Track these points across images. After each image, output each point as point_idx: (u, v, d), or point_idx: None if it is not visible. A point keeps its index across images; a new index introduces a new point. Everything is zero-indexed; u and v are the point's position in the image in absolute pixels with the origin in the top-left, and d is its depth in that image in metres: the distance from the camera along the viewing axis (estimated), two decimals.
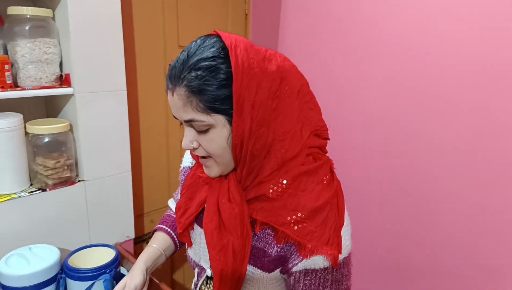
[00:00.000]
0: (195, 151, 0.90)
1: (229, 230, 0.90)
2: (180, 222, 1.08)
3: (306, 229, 0.87)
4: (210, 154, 0.88)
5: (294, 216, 0.87)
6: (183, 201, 1.08)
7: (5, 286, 1.21)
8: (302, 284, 0.91)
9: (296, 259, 0.89)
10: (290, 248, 0.90)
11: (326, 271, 0.89)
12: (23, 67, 1.40)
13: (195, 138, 0.87)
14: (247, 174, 0.88)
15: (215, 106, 0.81)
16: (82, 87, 1.50)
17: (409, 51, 1.85)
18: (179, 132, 2.24)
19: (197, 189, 1.05)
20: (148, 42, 1.99)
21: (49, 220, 1.48)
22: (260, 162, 0.87)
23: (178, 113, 0.85)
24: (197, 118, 0.82)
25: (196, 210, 1.04)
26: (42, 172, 1.45)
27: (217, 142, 0.85)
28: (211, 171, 0.92)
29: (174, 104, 0.85)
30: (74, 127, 1.54)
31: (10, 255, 1.28)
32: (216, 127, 0.83)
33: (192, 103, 0.81)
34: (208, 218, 0.93)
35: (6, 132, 1.35)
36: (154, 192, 2.15)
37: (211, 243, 0.92)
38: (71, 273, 1.27)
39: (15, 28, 1.37)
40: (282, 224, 0.88)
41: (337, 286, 0.91)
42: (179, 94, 0.82)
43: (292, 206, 0.88)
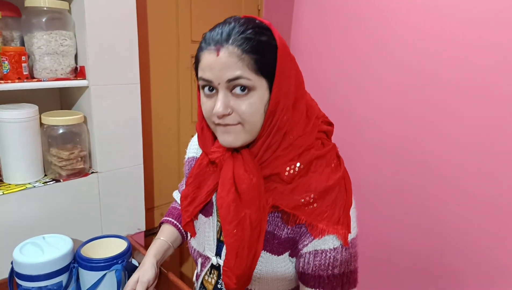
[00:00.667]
0: (225, 119, 0.88)
1: (247, 202, 0.89)
2: (187, 211, 1.07)
3: (317, 210, 0.90)
4: (243, 120, 0.87)
5: (307, 197, 0.90)
6: (190, 189, 1.07)
7: (19, 273, 1.23)
8: (312, 265, 0.91)
9: (306, 240, 0.91)
10: (300, 229, 0.92)
11: (335, 251, 0.90)
12: (39, 59, 1.42)
13: (230, 103, 0.86)
14: (266, 148, 0.90)
15: (263, 68, 0.85)
16: (97, 80, 1.52)
17: (423, 47, 1.84)
18: (191, 127, 2.25)
19: (204, 178, 1.05)
20: (161, 36, 2.00)
21: (63, 210, 1.50)
22: (280, 138, 0.90)
23: (222, 72, 0.84)
24: (245, 75, 0.84)
25: (205, 199, 1.04)
26: (56, 163, 1.47)
27: (256, 106, 0.86)
28: (235, 138, 0.89)
29: (219, 63, 0.84)
30: (88, 119, 1.56)
31: (25, 244, 1.30)
32: (258, 90, 0.86)
33: (244, 60, 0.83)
34: (224, 192, 0.92)
35: (22, 123, 1.37)
36: (165, 185, 2.17)
37: (227, 218, 0.91)
38: (83, 263, 1.29)
39: (32, 20, 1.39)
40: (294, 207, 0.90)
41: (346, 266, 0.92)
42: (230, 52, 0.83)
43: (304, 188, 0.90)
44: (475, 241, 1.77)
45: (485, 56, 1.64)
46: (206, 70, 0.86)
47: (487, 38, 1.62)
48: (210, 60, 0.85)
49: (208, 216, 1.07)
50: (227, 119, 0.88)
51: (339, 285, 0.92)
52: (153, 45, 1.97)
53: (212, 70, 0.85)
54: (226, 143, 0.91)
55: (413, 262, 2.02)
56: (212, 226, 1.06)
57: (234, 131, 0.89)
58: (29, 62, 1.44)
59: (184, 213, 1.09)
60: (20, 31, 1.45)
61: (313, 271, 0.92)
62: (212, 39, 0.86)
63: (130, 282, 1.09)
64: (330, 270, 0.91)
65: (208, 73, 0.86)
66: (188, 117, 2.23)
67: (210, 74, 0.86)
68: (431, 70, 1.81)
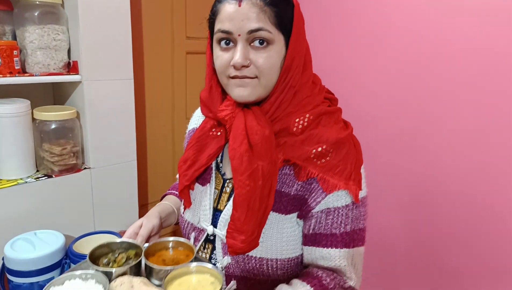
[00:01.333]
0: (242, 71, 0.88)
1: (259, 154, 0.89)
2: (186, 175, 1.04)
3: (330, 164, 0.89)
4: (260, 73, 0.88)
5: (319, 148, 0.90)
6: (191, 153, 1.04)
7: (11, 269, 1.22)
8: (324, 224, 0.91)
9: (319, 197, 0.90)
10: (311, 185, 0.91)
11: (347, 208, 0.91)
12: (31, 53, 1.41)
13: (249, 55, 0.87)
14: (278, 104, 0.91)
15: (282, 22, 0.87)
16: (90, 75, 1.51)
17: (420, 43, 1.84)
18: (185, 122, 2.24)
19: (207, 141, 1.03)
20: (156, 32, 1.99)
21: (55, 206, 1.49)
22: (291, 96, 0.92)
23: (243, 22, 0.84)
24: (266, 27, 0.84)
25: (206, 163, 1.02)
26: (48, 159, 1.46)
27: (273, 60, 0.87)
28: (250, 91, 0.89)
29: (240, 14, 0.84)
30: (81, 114, 1.55)
31: (16, 240, 1.29)
32: (276, 44, 0.87)
33: (266, 12, 0.84)
34: (236, 143, 0.90)
35: (13, 118, 1.36)
36: (158, 182, 2.16)
37: (239, 169, 0.89)
38: (75, 259, 1.28)
39: (25, 14, 1.38)
40: (305, 160, 0.90)
41: (356, 223, 0.92)
42: (253, 2, 0.84)
43: (315, 139, 0.91)
44: (477, 241, 1.76)
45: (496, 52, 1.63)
46: (225, 21, 0.86)
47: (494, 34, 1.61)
48: (230, 10, 0.85)
49: (205, 184, 1.05)
50: (244, 71, 0.88)
51: (351, 241, 0.92)
52: (148, 40, 1.96)
53: (233, 21, 0.85)
54: (241, 97, 0.90)
55: (413, 262, 2.01)
56: (209, 194, 1.03)
57: (250, 85, 0.89)
58: (21, 56, 1.43)
59: (182, 177, 1.06)
60: (12, 25, 1.44)
61: (326, 229, 0.91)
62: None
63: (134, 225, 1.05)
64: (343, 227, 0.91)
65: (228, 24, 0.86)
66: (182, 113, 2.22)
67: (230, 25, 0.86)
68: (428, 66, 1.81)
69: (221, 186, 1.03)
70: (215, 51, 0.92)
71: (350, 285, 0.93)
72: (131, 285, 0.84)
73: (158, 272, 0.89)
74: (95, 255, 0.93)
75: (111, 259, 0.93)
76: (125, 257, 0.93)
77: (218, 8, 0.89)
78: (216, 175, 1.04)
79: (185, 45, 2.13)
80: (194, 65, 2.21)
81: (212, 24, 0.92)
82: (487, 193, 1.69)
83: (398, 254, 2.05)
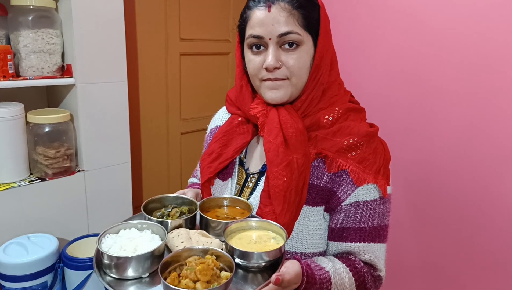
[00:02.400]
0: (274, 73, 0.91)
1: (294, 147, 0.91)
2: (210, 167, 1.06)
3: (360, 156, 0.92)
4: (291, 74, 0.91)
5: (351, 140, 0.92)
6: (217, 146, 1.06)
7: (3, 274, 1.22)
8: (353, 218, 0.92)
9: (349, 189, 0.91)
10: (340, 178, 0.92)
11: (375, 203, 0.92)
12: (25, 57, 1.41)
13: (281, 57, 0.91)
14: (309, 102, 0.95)
15: (310, 24, 0.91)
16: (84, 78, 1.51)
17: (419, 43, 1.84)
18: (180, 124, 2.25)
19: (234, 136, 1.05)
20: (150, 34, 1.99)
21: (48, 209, 1.49)
22: (320, 94, 0.95)
23: (273, 27, 0.89)
24: (295, 30, 0.89)
25: (232, 156, 1.04)
26: (42, 162, 1.46)
27: (303, 60, 0.91)
28: (282, 93, 0.93)
29: (270, 19, 0.89)
30: (74, 117, 1.55)
31: (9, 244, 1.30)
32: (306, 45, 0.91)
33: (294, 16, 0.89)
34: (271, 136, 0.93)
35: (7, 121, 1.36)
36: (153, 184, 2.17)
37: (275, 160, 0.91)
38: (69, 262, 1.29)
39: (19, 18, 1.38)
40: (337, 151, 0.92)
41: (382, 219, 0.94)
42: (282, 7, 0.88)
43: (347, 131, 0.94)
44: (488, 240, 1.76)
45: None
46: (256, 27, 0.91)
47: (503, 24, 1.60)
48: (261, 16, 0.90)
49: (226, 179, 1.06)
50: (276, 73, 0.92)
51: (376, 236, 0.94)
52: (142, 43, 1.96)
53: (263, 26, 0.89)
54: (274, 100, 0.94)
55: (422, 263, 2.02)
56: (230, 188, 1.05)
57: (282, 87, 0.93)
58: (15, 60, 1.43)
59: (206, 169, 1.07)
60: (7, 29, 1.44)
61: (355, 223, 0.92)
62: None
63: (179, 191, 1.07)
64: (371, 221, 0.93)
65: (259, 29, 0.90)
66: (176, 114, 2.22)
67: (261, 30, 0.90)
68: (426, 67, 1.80)
69: (243, 181, 1.05)
70: (246, 55, 0.97)
71: (379, 274, 0.96)
72: (188, 236, 0.85)
73: (215, 227, 0.89)
74: (147, 210, 0.93)
75: (165, 213, 0.93)
76: (179, 212, 0.93)
77: (248, 14, 0.94)
78: (239, 170, 1.06)
79: (178, 46, 2.14)
80: (188, 66, 2.21)
81: (243, 30, 0.96)
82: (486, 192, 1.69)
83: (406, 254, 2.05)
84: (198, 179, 1.26)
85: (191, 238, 0.85)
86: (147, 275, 0.77)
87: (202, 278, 0.70)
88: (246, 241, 0.83)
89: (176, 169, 2.30)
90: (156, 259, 0.77)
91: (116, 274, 0.76)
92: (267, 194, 0.93)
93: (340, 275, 0.88)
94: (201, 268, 0.71)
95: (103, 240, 0.82)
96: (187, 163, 2.32)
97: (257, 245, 0.82)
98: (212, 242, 0.83)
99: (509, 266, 1.64)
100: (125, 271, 0.75)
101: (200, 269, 0.71)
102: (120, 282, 0.76)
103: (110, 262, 0.75)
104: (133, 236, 0.84)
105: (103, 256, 0.77)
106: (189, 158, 2.32)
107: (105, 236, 0.83)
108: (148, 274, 0.77)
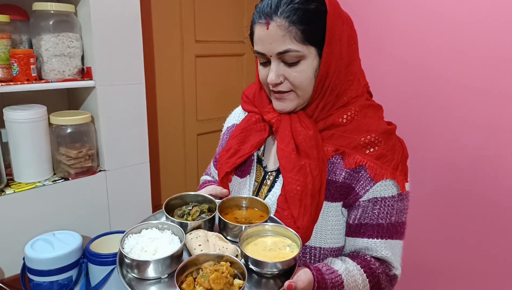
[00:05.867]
0: (277, 87, 0.94)
1: (305, 152, 0.93)
2: (228, 162, 1.08)
3: (378, 153, 0.92)
4: (295, 87, 0.93)
5: (368, 137, 0.93)
6: (235, 142, 1.08)
7: (31, 268, 1.27)
8: (371, 214, 0.93)
9: (367, 185, 0.92)
10: (358, 174, 0.93)
11: (393, 199, 0.93)
12: (47, 61, 1.46)
13: (282, 72, 0.92)
14: (321, 108, 0.95)
15: (310, 37, 0.89)
16: (103, 80, 1.56)
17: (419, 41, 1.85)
18: (196, 125, 2.29)
19: (251, 133, 1.07)
20: (166, 36, 2.03)
21: (72, 207, 1.54)
22: (333, 99, 0.95)
23: (271, 46, 0.90)
24: (293, 48, 0.88)
25: (250, 151, 1.05)
26: (65, 162, 1.51)
27: (306, 73, 0.91)
28: (288, 104, 0.96)
29: (268, 37, 0.89)
30: (95, 118, 1.60)
31: (36, 240, 1.34)
32: (308, 58, 0.90)
33: (291, 32, 0.88)
34: (283, 144, 0.96)
35: (31, 123, 1.41)
36: (171, 183, 2.20)
37: (287, 166, 0.94)
38: (92, 258, 1.33)
39: (40, 23, 1.43)
40: (354, 147, 0.93)
41: (400, 215, 0.95)
42: (278, 25, 0.88)
43: (365, 128, 0.94)
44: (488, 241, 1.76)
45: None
46: (258, 44, 0.93)
47: None
48: (261, 33, 0.91)
49: (245, 176, 1.08)
50: (279, 87, 0.94)
51: (394, 233, 0.94)
52: (158, 45, 2.01)
53: (263, 44, 0.91)
54: (281, 111, 0.98)
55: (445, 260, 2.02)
56: (248, 185, 1.06)
57: (288, 99, 0.95)
58: (37, 64, 1.48)
59: (223, 165, 1.08)
60: (29, 34, 1.49)
61: (372, 219, 0.93)
62: (262, 11, 0.91)
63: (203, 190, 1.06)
64: (389, 218, 0.93)
65: (260, 46, 0.92)
66: (193, 115, 2.26)
67: (261, 48, 0.92)
68: (444, 64, 1.80)
69: (261, 178, 1.06)
70: (258, 64, 0.99)
71: (394, 273, 0.96)
72: (206, 239, 0.87)
73: (233, 229, 0.90)
74: (169, 206, 0.96)
75: (186, 212, 0.96)
76: (199, 211, 0.95)
77: (252, 29, 0.95)
78: (257, 168, 1.07)
79: (194, 48, 2.17)
80: (203, 67, 2.25)
81: (252, 40, 0.97)
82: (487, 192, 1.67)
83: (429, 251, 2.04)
84: (211, 177, 1.28)
85: (208, 241, 0.87)
86: (166, 275, 0.80)
87: (215, 286, 0.73)
88: (262, 247, 0.84)
89: (193, 169, 2.33)
90: (175, 260, 0.80)
91: (137, 274, 0.79)
92: (284, 198, 0.95)
93: (353, 277, 0.89)
94: (214, 276, 0.73)
95: (125, 240, 0.85)
96: (204, 164, 2.36)
97: (272, 252, 0.83)
98: (228, 247, 0.85)
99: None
100: (145, 272, 0.78)
101: (213, 278, 0.73)
102: (140, 282, 0.79)
103: (131, 263, 0.79)
104: (154, 236, 0.86)
105: (125, 257, 0.80)
106: (205, 159, 2.36)
107: (128, 236, 0.86)
108: (167, 275, 0.80)
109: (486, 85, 1.65)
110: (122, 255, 0.81)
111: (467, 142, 1.74)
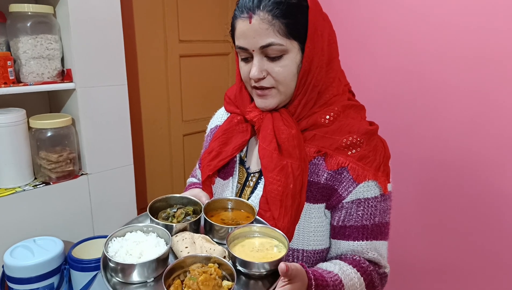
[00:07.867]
0: (260, 82, 0.92)
1: (287, 152, 0.92)
2: (210, 165, 1.06)
3: (360, 154, 0.92)
4: (277, 82, 0.91)
5: (350, 138, 0.92)
6: (216, 144, 1.07)
7: (11, 277, 1.24)
8: (354, 216, 0.92)
9: (350, 186, 0.91)
10: (341, 175, 0.92)
11: (376, 200, 0.92)
12: (25, 63, 1.43)
13: (265, 67, 0.91)
14: (303, 105, 0.94)
15: (294, 31, 0.88)
16: (84, 82, 1.53)
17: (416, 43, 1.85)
18: (181, 125, 2.27)
19: (233, 134, 1.06)
20: (149, 36, 2.01)
21: (53, 213, 1.51)
22: (315, 96, 0.94)
23: (255, 40, 0.88)
24: (277, 41, 0.87)
25: (232, 154, 1.04)
26: (45, 166, 1.48)
27: (288, 68, 0.90)
28: (271, 101, 0.94)
29: (251, 31, 0.88)
30: (76, 121, 1.57)
31: (15, 247, 1.32)
32: (291, 52, 0.89)
33: (274, 26, 0.87)
34: (265, 143, 0.94)
35: (10, 127, 1.38)
36: (157, 185, 2.18)
37: (269, 166, 0.93)
38: (74, 264, 1.31)
39: (17, 24, 1.40)
40: (336, 149, 0.92)
41: (383, 216, 0.94)
42: (262, 18, 0.87)
43: (347, 129, 0.94)
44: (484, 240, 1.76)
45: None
46: (240, 38, 0.91)
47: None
48: (243, 28, 0.89)
49: (227, 178, 1.06)
50: (262, 82, 0.92)
51: (378, 233, 0.94)
52: (141, 46, 1.98)
53: (246, 38, 0.90)
54: (263, 108, 0.96)
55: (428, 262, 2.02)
56: (231, 187, 1.05)
57: (270, 95, 0.94)
58: (15, 66, 1.45)
59: (205, 168, 1.07)
60: (6, 36, 1.46)
61: (357, 221, 0.92)
62: (244, 6, 0.89)
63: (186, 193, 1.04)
64: (373, 219, 0.92)
65: (243, 41, 0.90)
66: (178, 116, 2.24)
67: (244, 42, 0.90)
68: (427, 64, 1.80)
69: (244, 179, 1.05)
70: (239, 61, 0.97)
71: (384, 271, 0.96)
72: (192, 241, 0.85)
73: (219, 231, 0.89)
74: (153, 209, 0.94)
75: (170, 214, 0.94)
76: (184, 213, 0.94)
77: (234, 24, 0.94)
78: (239, 169, 1.06)
79: (178, 48, 2.15)
80: (188, 67, 2.23)
81: (233, 37, 0.96)
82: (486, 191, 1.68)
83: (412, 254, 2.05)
84: (197, 179, 1.27)
85: (195, 243, 0.85)
86: (152, 279, 0.78)
87: (204, 288, 0.71)
88: (249, 248, 0.83)
89: (179, 170, 2.31)
90: (161, 263, 0.78)
91: (122, 278, 0.77)
92: (265, 200, 0.94)
93: (349, 276, 0.88)
94: (203, 278, 0.72)
95: (109, 244, 0.83)
96: (190, 165, 2.34)
97: (259, 253, 0.82)
98: (215, 249, 0.83)
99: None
100: (130, 276, 0.76)
101: (202, 280, 0.72)
102: (125, 286, 0.77)
103: (116, 267, 0.77)
104: (139, 239, 0.84)
105: (109, 261, 0.78)
106: (192, 160, 2.33)
107: (112, 240, 0.84)
108: (153, 279, 0.78)
109: (468, 83, 1.65)
110: (107, 258, 0.79)
111: (450, 141, 1.74)
